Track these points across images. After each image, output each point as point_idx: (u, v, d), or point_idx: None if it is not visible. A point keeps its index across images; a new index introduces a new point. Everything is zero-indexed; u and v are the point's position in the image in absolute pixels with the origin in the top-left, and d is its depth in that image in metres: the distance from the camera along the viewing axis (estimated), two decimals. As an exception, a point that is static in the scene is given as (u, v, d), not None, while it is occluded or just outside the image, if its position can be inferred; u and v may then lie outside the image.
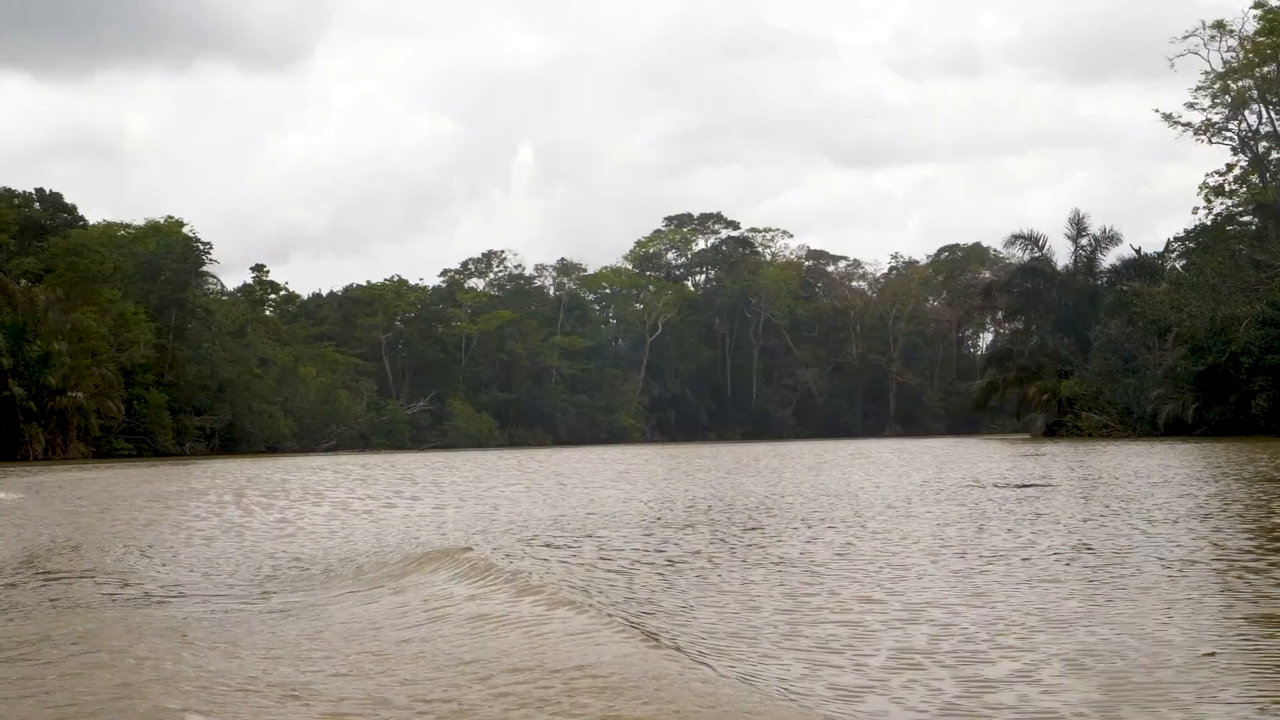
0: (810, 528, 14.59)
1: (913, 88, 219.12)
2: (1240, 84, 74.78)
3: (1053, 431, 76.97)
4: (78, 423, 72.67)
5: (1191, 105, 77.30)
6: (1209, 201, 78.22)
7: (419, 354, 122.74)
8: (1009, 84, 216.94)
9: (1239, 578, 9.67)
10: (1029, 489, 20.48)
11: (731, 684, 6.47)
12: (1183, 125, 77.65)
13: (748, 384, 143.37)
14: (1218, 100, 75.29)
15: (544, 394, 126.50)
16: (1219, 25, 75.01)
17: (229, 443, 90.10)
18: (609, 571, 11.08)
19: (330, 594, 10.63)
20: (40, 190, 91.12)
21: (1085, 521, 14.27)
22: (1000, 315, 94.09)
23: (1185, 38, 77.09)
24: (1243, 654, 6.99)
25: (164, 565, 13.03)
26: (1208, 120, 76.90)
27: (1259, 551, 11.06)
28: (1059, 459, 34.85)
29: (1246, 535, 12.35)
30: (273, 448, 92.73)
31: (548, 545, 13.49)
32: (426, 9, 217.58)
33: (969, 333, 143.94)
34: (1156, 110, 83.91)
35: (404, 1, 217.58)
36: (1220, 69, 75.45)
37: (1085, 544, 11.98)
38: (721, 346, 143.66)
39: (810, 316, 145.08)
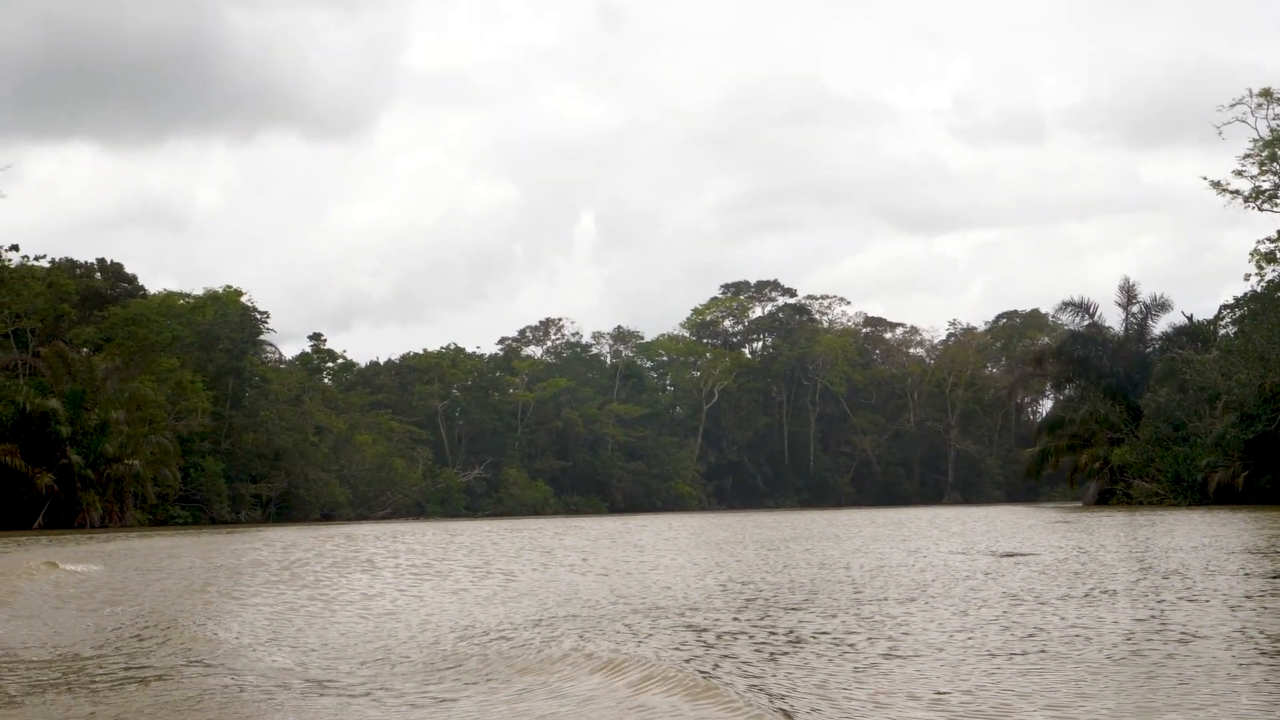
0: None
1: (974, 153, 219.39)
2: (1289, 151, 74.24)
3: (1105, 499, 76.38)
4: (134, 490, 73.84)
5: (1240, 172, 76.90)
6: (1260, 268, 77.49)
7: (475, 421, 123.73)
8: (1071, 149, 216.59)
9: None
10: (1014, 557, 20.57)
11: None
12: (1231, 192, 77.21)
13: (805, 451, 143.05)
14: (1265, 168, 74.81)
15: (600, 461, 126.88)
16: (1265, 93, 74.62)
17: (284, 510, 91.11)
18: (773, 661, 10.15)
19: (464, 689, 9.62)
20: (101, 260, 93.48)
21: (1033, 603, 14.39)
22: (1050, 383, 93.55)
23: (1233, 105, 76.77)
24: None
25: (274, 647, 12.37)
26: (1257, 187, 76.40)
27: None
28: (1078, 527, 34.73)
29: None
30: (328, 516, 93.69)
31: (689, 627, 12.33)
32: (488, 77, 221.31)
33: (1028, 399, 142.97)
34: (1204, 178, 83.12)
35: (466, 70, 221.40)
36: (1268, 136, 75.03)
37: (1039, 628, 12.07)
38: (778, 413, 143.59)
39: (867, 383, 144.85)
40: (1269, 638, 10.24)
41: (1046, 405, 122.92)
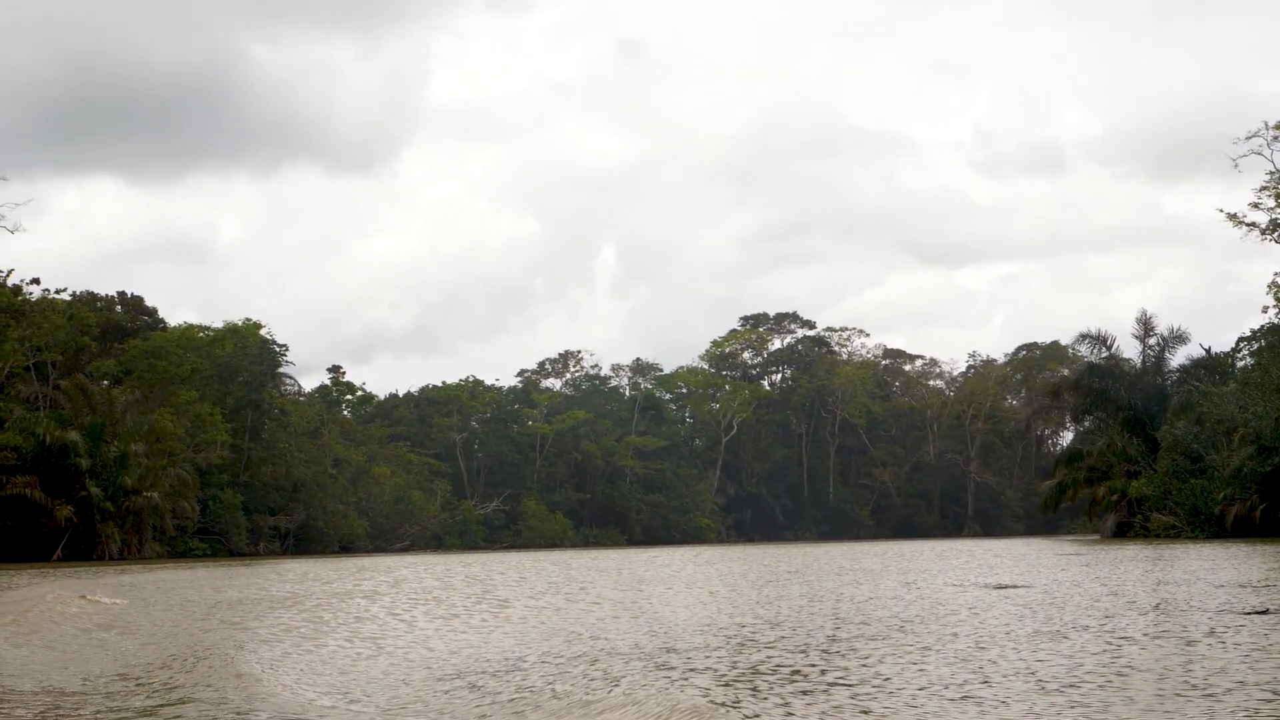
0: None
1: (995, 185, 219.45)
2: (1305, 184, 74.14)
3: (1123, 532, 76.15)
4: (153, 522, 74.26)
5: (1256, 205, 76.83)
6: (1278, 300, 77.37)
7: (493, 454, 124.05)
8: (1092, 181, 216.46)
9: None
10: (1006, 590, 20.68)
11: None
12: (1248, 224, 77.13)
13: (824, 483, 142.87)
14: (1281, 201, 74.67)
15: (618, 494, 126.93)
16: (1281, 126, 74.59)
17: (302, 543, 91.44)
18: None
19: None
20: (122, 293, 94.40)
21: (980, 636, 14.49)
22: (1069, 415, 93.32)
23: (1249, 138, 76.76)
24: None
25: (310, 684, 12.19)
26: (1274, 220, 76.29)
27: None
28: (1083, 561, 34.73)
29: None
30: (346, 548, 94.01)
31: (660, 666, 11.96)
32: (509, 110, 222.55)
33: (1048, 431, 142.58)
34: (1220, 210, 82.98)
35: (487, 104, 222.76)
36: (1282, 169, 74.92)
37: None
38: (797, 446, 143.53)
39: (887, 415, 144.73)
40: (1205, 673, 10.42)
41: (1067, 437, 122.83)
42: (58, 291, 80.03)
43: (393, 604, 23.67)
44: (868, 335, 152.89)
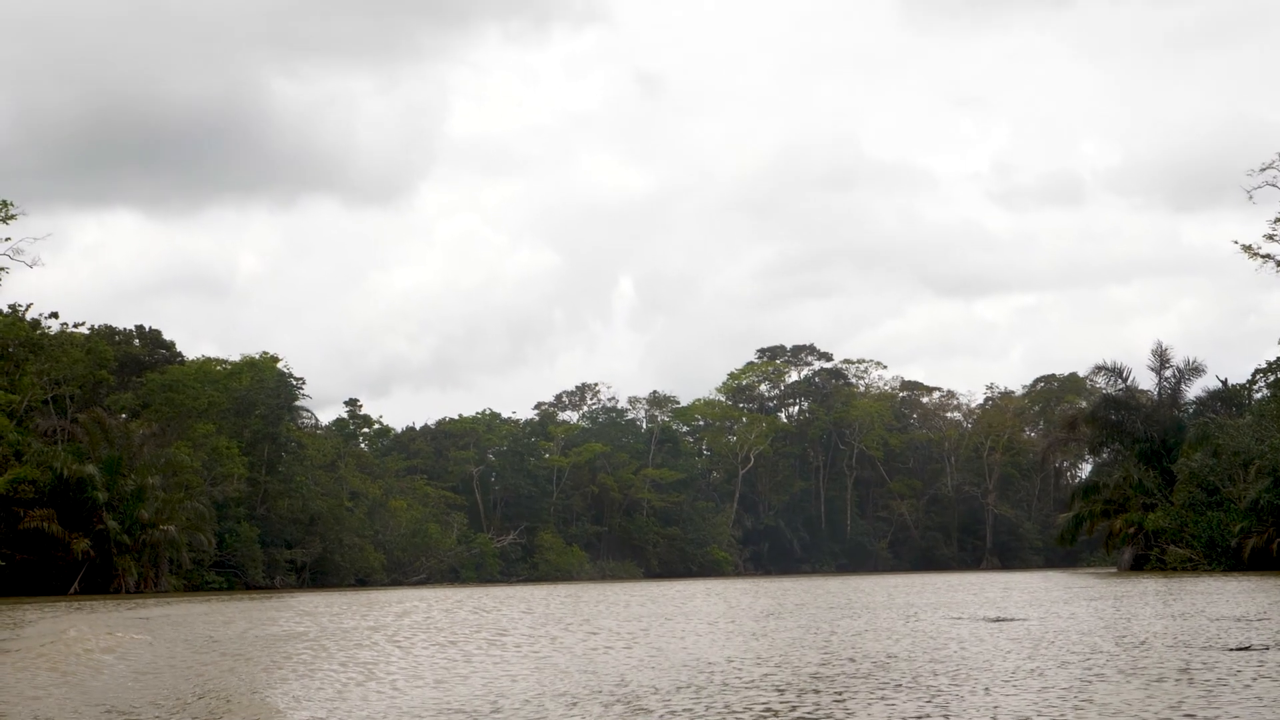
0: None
1: (1013, 217, 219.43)
2: (1320, 216, 74.02)
3: (1140, 565, 75.91)
4: (170, 556, 74.52)
5: (1271, 236, 76.75)
6: (1294, 332, 77.15)
7: (510, 487, 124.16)
8: (1111, 212, 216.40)
9: None
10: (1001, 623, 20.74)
11: None
12: (1262, 256, 77.00)
13: (842, 516, 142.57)
14: (1296, 233, 74.57)
15: (635, 526, 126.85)
16: (1294, 158, 74.53)
17: (318, 576, 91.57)
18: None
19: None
20: (140, 327, 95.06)
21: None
22: (1086, 447, 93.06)
23: (1263, 170, 76.75)
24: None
25: None
26: (1288, 252, 76.12)
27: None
28: (1090, 594, 34.67)
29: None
30: (362, 581, 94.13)
31: (620, 700, 11.92)
32: (528, 144, 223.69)
33: (1067, 463, 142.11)
34: (1235, 241, 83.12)
35: (505, 136, 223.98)
36: (1297, 200, 74.92)
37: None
38: (815, 478, 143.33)
39: (904, 448, 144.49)
40: (1158, 710, 10.51)
41: (1086, 469, 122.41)
42: (76, 325, 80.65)
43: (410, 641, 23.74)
44: (885, 367, 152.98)
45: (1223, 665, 13.58)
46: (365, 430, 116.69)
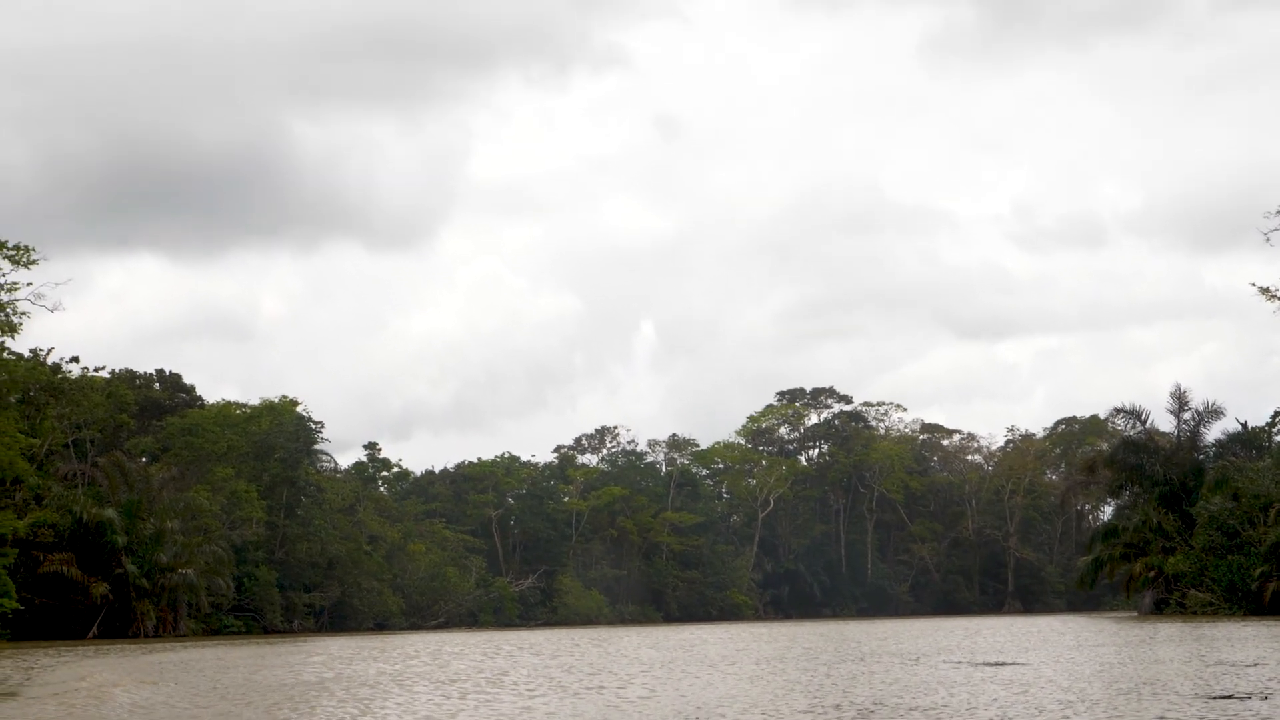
0: None
1: (1034, 259, 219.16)
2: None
3: (1160, 609, 75.44)
4: (188, 599, 74.76)
5: (1288, 278, 76.50)
6: (1313, 374, 76.86)
7: (529, 530, 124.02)
8: (1133, 254, 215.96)
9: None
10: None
11: None
12: (1280, 299, 76.77)
13: (862, 559, 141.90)
14: (1313, 274, 74.43)
15: (655, 570, 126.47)
16: (1311, 199, 74.54)
17: (337, 620, 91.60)
18: None
19: None
20: (160, 371, 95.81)
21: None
22: (1107, 490, 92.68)
23: (1279, 213, 76.68)
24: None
25: None
26: (1306, 294, 75.88)
27: None
28: (1099, 638, 34.51)
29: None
30: (381, 625, 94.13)
31: None
32: (548, 187, 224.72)
33: (1089, 506, 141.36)
34: (1253, 284, 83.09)
35: (526, 180, 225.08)
36: (1314, 242, 74.72)
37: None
38: (835, 521, 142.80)
39: (925, 491, 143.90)
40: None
41: (1108, 512, 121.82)
42: (97, 369, 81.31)
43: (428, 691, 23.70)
44: (905, 410, 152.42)
45: (1194, 715, 13.56)
46: (384, 474, 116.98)
